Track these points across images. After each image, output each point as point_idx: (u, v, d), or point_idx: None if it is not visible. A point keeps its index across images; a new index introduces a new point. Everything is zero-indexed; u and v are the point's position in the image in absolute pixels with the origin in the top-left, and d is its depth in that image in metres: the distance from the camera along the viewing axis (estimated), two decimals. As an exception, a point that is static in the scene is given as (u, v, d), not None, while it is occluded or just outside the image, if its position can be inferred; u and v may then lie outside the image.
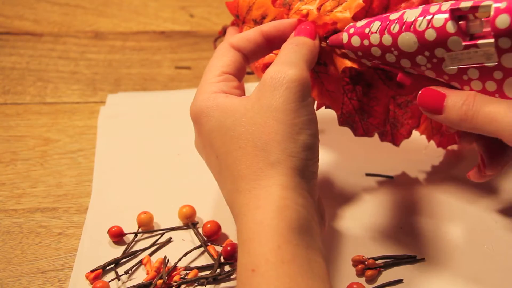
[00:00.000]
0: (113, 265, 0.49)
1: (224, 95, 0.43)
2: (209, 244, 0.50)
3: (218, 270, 0.48)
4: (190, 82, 0.71)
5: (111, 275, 0.48)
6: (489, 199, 0.54)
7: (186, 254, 0.49)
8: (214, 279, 0.47)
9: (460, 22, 0.40)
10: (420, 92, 0.43)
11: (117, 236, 0.50)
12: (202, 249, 0.50)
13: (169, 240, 0.51)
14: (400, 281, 0.47)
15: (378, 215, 0.53)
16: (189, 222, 0.52)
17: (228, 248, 0.48)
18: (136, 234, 0.51)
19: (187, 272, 0.48)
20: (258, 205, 0.39)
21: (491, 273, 0.47)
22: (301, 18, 0.46)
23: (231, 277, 0.47)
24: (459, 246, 0.50)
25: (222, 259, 0.49)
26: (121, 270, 0.48)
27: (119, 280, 0.47)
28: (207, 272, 0.48)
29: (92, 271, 0.48)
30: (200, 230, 0.51)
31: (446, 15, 0.39)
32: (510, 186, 0.55)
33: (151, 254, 0.50)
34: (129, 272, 0.48)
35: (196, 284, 0.47)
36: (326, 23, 0.46)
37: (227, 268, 0.48)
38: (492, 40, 0.38)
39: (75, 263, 0.49)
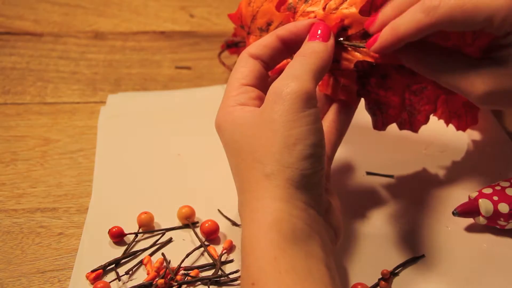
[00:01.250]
0: (113, 265, 0.48)
1: (240, 107, 0.43)
2: (208, 244, 0.50)
3: (220, 272, 0.48)
4: (190, 82, 0.71)
5: (112, 275, 0.48)
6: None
7: (188, 255, 0.49)
8: (216, 281, 0.47)
9: None
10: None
11: (117, 236, 0.50)
12: (202, 249, 0.50)
13: (169, 240, 0.51)
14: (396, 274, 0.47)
15: (378, 214, 0.53)
16: (189, 222, 0.52)
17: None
18: (136, 234, 0.51)
19: (187, 272, 0.48)
20: (253, 218, 0.39)
21: (490, 273, 0.47)
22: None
23: (231, 276, 0.47)
24: (458, 245, 0.50)
25: (222, 259, 0.49)
26: (121, 270, 0.48)
27: (119, 280, 0.47)
28: (209, 273, 0.48)
29: (93, 271, 0.48)
30: (198, 229, 0.51)
31: None
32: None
33: (151, 254, 0.50)
34: (130, 272, 0.48)
35: (197, 284, 0.47)
36: (334, 21, 0.46)
37: (228, 268, 0.48)
38: None
39: (75, 263, 0.49)
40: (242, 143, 0.41)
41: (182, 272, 0.48)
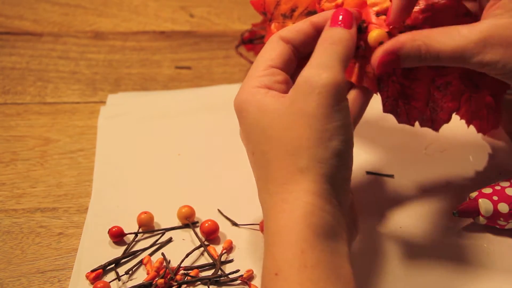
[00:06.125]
0: (113, 265, 0.48)
1: (265, 90, 0.42)
2: (208, 244, 0.50)
3: (219, 272, 0.48)
4: (190, 82, 0.71)
5: (112, 275, 0.48)
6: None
7: (188, 255, 0.49)
8: (216, 281, 0.47)
9: None
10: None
11: (117, 236, 0.50)
12: (202, 249, 0.50)
13: (169, 240, 0.51)
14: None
15: (378, 213, 0.53)
16: (189, 222, 0.52)
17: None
18: (136, 234, 0.51)
19: (187, 272, 0.48)
20: (284, 209, 0.39)
21: (490, 273, 0.47)
22: (337, 6, 0.46)
23: (231, 276, 0.47)
24: (459, 245, 0.50)
25: (221, 258, 0.49)
26: (121, 270, 0.48)
27: (119, 280, 0.47)
28: (208, 273, 0.48)
29: (93, 271, 0.48)
30: (198, 229, 0.51)
31: None
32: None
33: (151, 254, 0.50)
34: (130, 272, 0.48)
35: (197, 284, 0.47)
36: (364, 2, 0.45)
37: (227, 268, 0.48)
38: None
39: (75, 263, 0.49)
40: (271, 132, 0.40)
41: (182, 272, 0.48)
